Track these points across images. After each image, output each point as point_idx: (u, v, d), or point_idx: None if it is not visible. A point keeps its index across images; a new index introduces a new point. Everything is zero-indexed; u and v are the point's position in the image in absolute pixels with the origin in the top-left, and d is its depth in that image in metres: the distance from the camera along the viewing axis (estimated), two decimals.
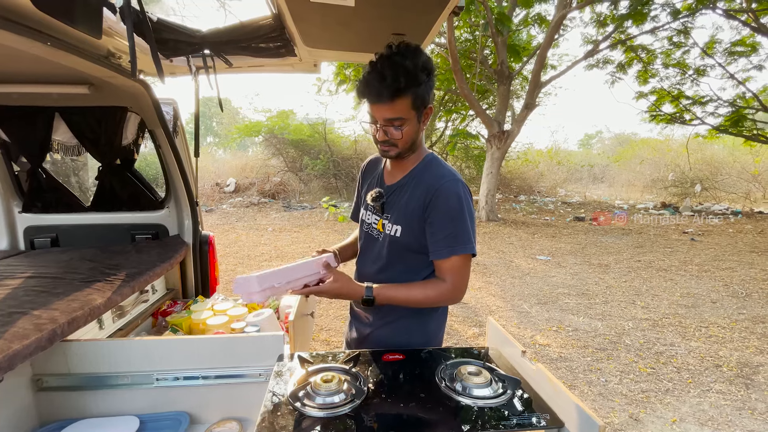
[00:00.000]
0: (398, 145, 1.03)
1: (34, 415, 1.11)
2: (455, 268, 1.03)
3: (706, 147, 12.66)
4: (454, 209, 1.01)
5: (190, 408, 1.14)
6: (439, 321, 1.20)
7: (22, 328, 0.98)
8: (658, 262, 5.62)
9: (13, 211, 2.02)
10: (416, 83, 0.95)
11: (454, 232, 1.01)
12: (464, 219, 1.02)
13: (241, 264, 5.47)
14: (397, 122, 0.98)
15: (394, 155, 1.05)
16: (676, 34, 8.25)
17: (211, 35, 1.43)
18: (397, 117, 0.97)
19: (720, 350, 3.04)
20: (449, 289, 1.03)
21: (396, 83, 0.92)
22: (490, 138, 8.60)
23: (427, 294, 1.04)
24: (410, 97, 0.95)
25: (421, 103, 0.98)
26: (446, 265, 1.03)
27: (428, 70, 0.97)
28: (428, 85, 0.98)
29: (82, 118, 1.87)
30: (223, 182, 12.19)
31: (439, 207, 1.01)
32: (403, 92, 0.94)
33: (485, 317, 3.63)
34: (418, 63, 0.95)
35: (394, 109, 0.96)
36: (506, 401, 0.83)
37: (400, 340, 1.14)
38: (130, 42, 1.00)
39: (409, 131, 1.01)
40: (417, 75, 0.94)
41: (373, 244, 1.15)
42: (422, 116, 1.02)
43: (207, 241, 2.17)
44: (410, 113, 0.98)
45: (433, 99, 1.04)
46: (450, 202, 1.01)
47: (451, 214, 1.01)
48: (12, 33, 1.03)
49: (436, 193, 1.02)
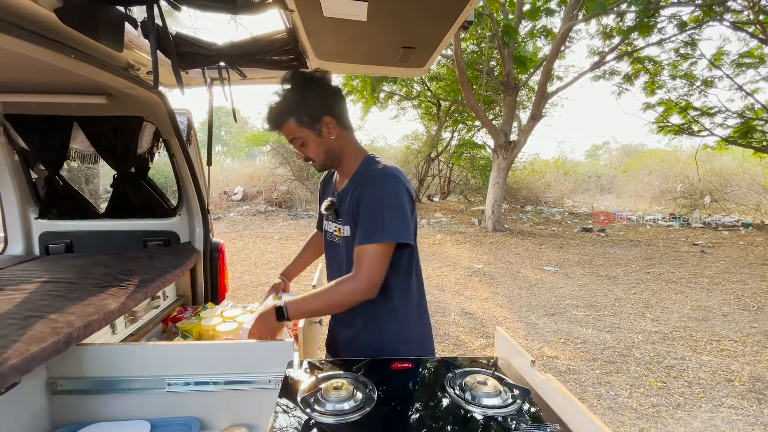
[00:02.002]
0: (314, 158, 1.13)
1: (48, 418, 1.13)
2: (363, 256, 1.03)
3: (715, 158, 12.55)
4: (375, 200, 1.05)
5: (200, 413, 1.15)
6: (420, 325, 1.21)
7: (40, 332, 1.01)
8: (668, 274, 5.55)
9: (29, 218, 2.07)
10: (295, 108, 1.06)
11: (372, 222, 1.04)
12: (382, 209, 1.04)
13: (248, 272, 5.51)
14: (296, 141, 1.10)
15: (319, 167, 1.16)
16: (683, 46, 8.27)
17: (227, 48, 1.48)
18: (292, 138, 1.10)
19: (732, 364, 2.98)
20: (354, 279, 1.03)
21: (275, 115, 1.07)
22: (497, 148, 8.61)
23: (339, 291, 1.05)
24: (293, 120, 1.07)
25: (309, 119, 1.07)
26: (356, 255, 1.04)
27: (315, 88, 1.08)
28: (315, 103, 1.07)
29: (100, 128, 1.92)
30: (230, 190, 12.32)
31: (363, 200, 1.06)
32: (284, 119, 1.07)
33: (492, 328, 3.60)
34: (298, 89, 1.06)
35: (286, 133, 1.10)
36: (516, 411, 0.83)
37: (383, 346, 1.16)
38: (153, 57, 1.04)
39: (313, 145, 1.10)
40: (295, 100, 1.06)
41: (337, 251, 1.21)
42: (320, 128, 1.08)
43: (217, 249, 2.19)
44: (302, 131, 1.08)
45: (332, 108, 1.10)
46: (373, 194, 1.06)
47: (372, 205, 1.05)
48: (38, 46, 1.08)
49: (363, 187, 1.08)
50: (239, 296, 4.53)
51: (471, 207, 12.51)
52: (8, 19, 0.96)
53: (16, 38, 0.99)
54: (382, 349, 1.15)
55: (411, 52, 1.45)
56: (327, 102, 1.09)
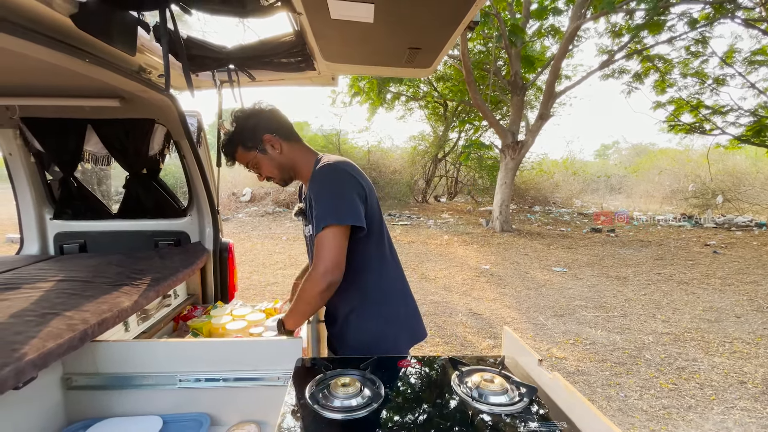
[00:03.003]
0: (273, 176, 1.26)
1: (63, 413, 1.16)
2: (317, 246, 1.08)
3: (728, 157, 12.35)
4: (318, 192, 1.12)
5: (210, 409, 1.17)
6: (390, 322, 1.24)
7: (56, 328, 1.03)
8: (679, 275, 5.48)
9: (44, 218, 2.12)
10: (237, 137, 1.21)
11: (318, 213, 1.09)
12: (326, 198, 1.10)
13: (257, 272, 5.55)
14: (250, 164, 1.24)
15: (279, 182, 1.28)
16: (694, 44, 8.16)
17: (236, 51, 1.50)
18: (246, 163, 1.24)
19: (745, 366, 2.93)
20: (312, 269, 1.08)
21: (226, 151, 1.25)
22: (504, 148, 8.57)
23: (306, 286, 1.09)
24: (240, 147, 1.22)
25: (253, 141, 1.20)
26: (317, 241, 1.09)
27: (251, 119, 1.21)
28: (252, 127, 1.20)
29: (113, 130, 1.96)
30: (239, 192, 12.43)
31: (312, 197, 1.13)
32: (233, 149, 1.23)
33: (500, 329, 3.59)
34: (237, 125, 1.22)
35: (241, 160, 1.25)
36: (523, 409, 0.83)
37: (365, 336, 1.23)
38: (165, 60, 1.07)
39: (264, 164, 1.23)
40: (236, 132, 1.21)
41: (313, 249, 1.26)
42: (264, 147, 1.21)
43: (227, 249, 2.22)
44: (250, 154, 1.22)
45: (269, 127, 1.22)
46: (317, 188, 1.13)
47: (316, 196, 1.11)
48: (55, 50, 1.11)
49: (311, 186, 1.16)
50: (248, 296, 4.57)
51: (478, 207, 12.46)
52: (27, 25, 0.99)
53: (34, 43, 1.02)
54: (366, 339, 1.22)
55: (417, 53, 1.46)
56: (262, 124, 1.22)
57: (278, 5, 1.09)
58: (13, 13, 0.96)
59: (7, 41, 0.97)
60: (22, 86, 1.64)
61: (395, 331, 1.25)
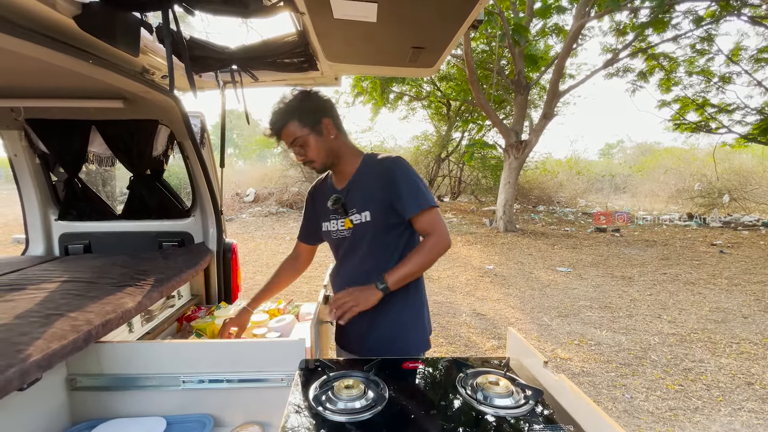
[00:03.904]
0: (313, 158, 1.22)
1: (68, 414, 1.16)
2: (432, 219, 1.19)
3: (734, 156, 12.24)
4: (408, 175, 1.19)
5: (214, 410, 1.17)
6: (425, 308, 1.32)
7: (60, 329, 1.03)
8: (685, 275, 5.43)
9: (49, 219, 2.13)
10: (296, 111, 1.18)
11: (416, 192, 1.18)
12: (418, 181, 1.20)
13: (260, 272, 5.56)
14: (298, 142, 1.20)
15: (319, 167, 1.25)
16: (700, 42, 8.08)
17: (239, 52, 1.50)
18: (293, 139, 1.19)
19: (752, 367, 2.90)
20: (438, 237, 1.18)
21: (278, 119, 1.19)
22: (508, 148, 8.54)
23: (425, 251, 1.17)
24: (295, 122, 1.18)
25: (311, 120, 1.18)
26: (424, 219, 1.19)
27: (311, 99, 1.21)
28: (314, 107, 1.20)
29: (116, 131, 1.97)
30: (242, 192, 12.47)
31: (398, 178, 1.18)
32: (286, 120, 1.18)
33: (504, 329, 3.57)
34: (296, 98, 1.19)
35: (288, 135, 1.20)
36: (528, 411, 0.82)
37: (398, 334, 1.24)
38: (169, 62, 1.06)
39: (314, 145, 1.20)
40: (295, 106, 1.18)
41: (347, 244, 1.27)
42: (320, 128, 1.20)
43: (230, 249, 2.22)
44: (303, 131, 1.18)
45: (329, 112, 1.22)
46: (404, 172, 1.19)
47: (408, 179, 1.19)
48: (59, 52, 1.11)
49: (390, 171, 1.20)
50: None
51: (482, 207, 12.42)
52: (30, 27, 1.00)
53: (38, 44, 1.02)
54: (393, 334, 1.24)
55: (421, 52, 1.45)
56: (325, 107, 1.22)
57: (281, 5, 1.09)
58: (17, 14, 0.96)
59: (12, 43, 0.97)
60: (27, 88, 1.64)
61: (425, 324, 1.31)
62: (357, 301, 1.13)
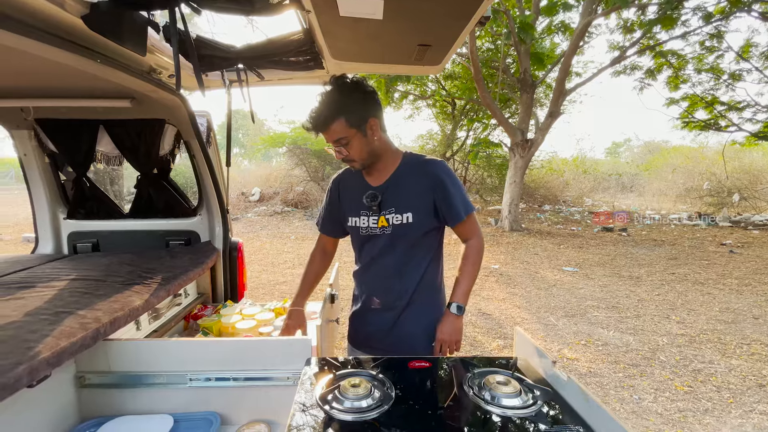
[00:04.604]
0: (355, 158, 1.19)
1: (76, 411, 1.17)
2: (473, 224, 1.26)
3: (744, 154, 12.06)
4: (454, 182, 1.22)
5: (220, 408, 1.17)
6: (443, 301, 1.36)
7: (69, 327, 1.04)
8: (694, 275, 5.36)
9: (58, 218, 2.15)
10: (344, 108, 1.11)
11: (463, 198, 1.22)
12: (462, 187, 1.24)
13: (266, 271, 5.58)
14: (342, 141, 1.15)
15: (359, 166, 1.22)
16: (709, 39, 7.97)
17: (245, 50, 1.50)
18: (337, 138, 1.14)
19: (763, 369, 2.86)
20: (478, 242, 1.27)
21: (324, 115, 1.12)
22: (513, 147, 8.49)
23: (475, 259, 1.25)
24: (343, 120, 1.12)
25: (358, 120, 1.13)
26: (467, 225, 1.24)
27: (359, 92, 1.14)
28: (361, 105, 1.14)
29: (124, 130, 1.98)
30: (248, 192, 12.53)
31: (446, 183, 1.20)
32: (333, 119, 1.11)
33: (510, 329, 3.55)
34: (344, 91, 1.12)
35: (333, 133, 1.14)
36: (536, 412, 0.81)
37: (424, 321, 1.28)
38: (175, 60, 1.07)
39: (358, 145, 1.16)
40: (343, 101, 1.12)
41: (376, 240, 1.27)
42: (366, 129, 1.16)
43: (236, 248, 2.23)
44: (349, 131, 1.14)
45: (375, 111, 1.18)
46: (450, 177, 1.22)
47: (455, 185, 1.22)
48: (67, 51, 1.12)
49: (437, 176, 1.20)
50: (257, 295, 4.59)
51: (487, 206, 12.37)
52: (39, 26, 1.00)
53: (47, 44, 1.03)
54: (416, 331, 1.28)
55: (427, 50, 1.44)
56: (372, 105, 1.17)
57: (287, 2, 1.08)
58: (27, 14, 0.97)
59: (22, 42, 0.98)
60: (37, 88, 1.66)
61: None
62: (457, 336, 1.24)
